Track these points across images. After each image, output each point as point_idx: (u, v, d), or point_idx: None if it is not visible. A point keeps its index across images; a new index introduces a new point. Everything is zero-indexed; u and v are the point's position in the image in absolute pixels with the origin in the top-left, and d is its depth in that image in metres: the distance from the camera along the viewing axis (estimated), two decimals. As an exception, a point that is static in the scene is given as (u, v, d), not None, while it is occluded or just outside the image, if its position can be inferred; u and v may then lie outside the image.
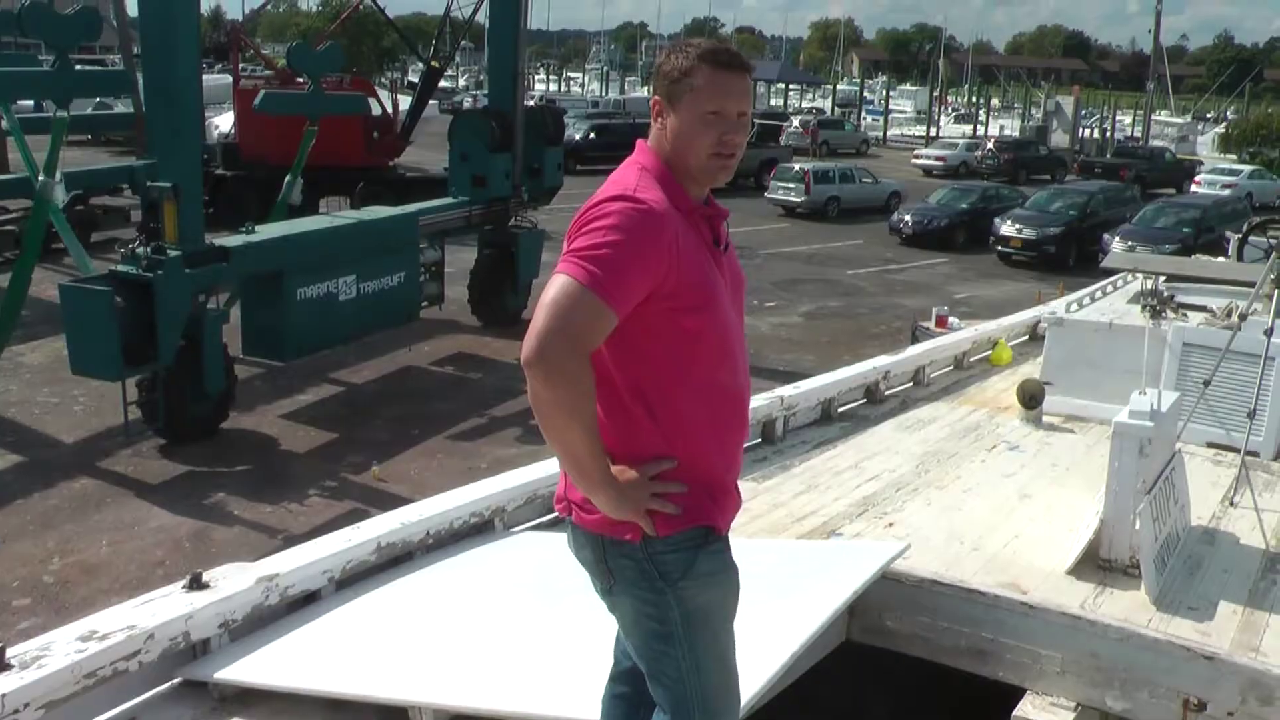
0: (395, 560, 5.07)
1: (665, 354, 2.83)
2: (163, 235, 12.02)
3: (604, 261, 2.68)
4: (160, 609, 4.21)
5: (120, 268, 12.01)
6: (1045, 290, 19.83)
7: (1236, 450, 7.16)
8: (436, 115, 33.87)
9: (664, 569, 2.86)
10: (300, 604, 4.66)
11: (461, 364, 16.54)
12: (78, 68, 16.54)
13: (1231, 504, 6.85)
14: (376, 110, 26.16)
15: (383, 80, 57.51)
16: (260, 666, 4.18)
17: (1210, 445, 7.71)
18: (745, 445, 7.15)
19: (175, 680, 4.18)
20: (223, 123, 31.51)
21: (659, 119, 2.98)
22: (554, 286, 2.69)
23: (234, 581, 4.48)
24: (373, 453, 12.64)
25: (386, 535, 5.04)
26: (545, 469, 5.75)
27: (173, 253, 11.93)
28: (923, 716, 5.78)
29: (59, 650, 3.85)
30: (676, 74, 2.94)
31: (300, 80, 20.84)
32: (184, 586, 4.39)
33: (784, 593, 4.46)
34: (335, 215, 16.96)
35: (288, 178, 17.25)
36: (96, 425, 13.12)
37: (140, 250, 12.03)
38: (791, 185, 35.44)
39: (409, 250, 16.02)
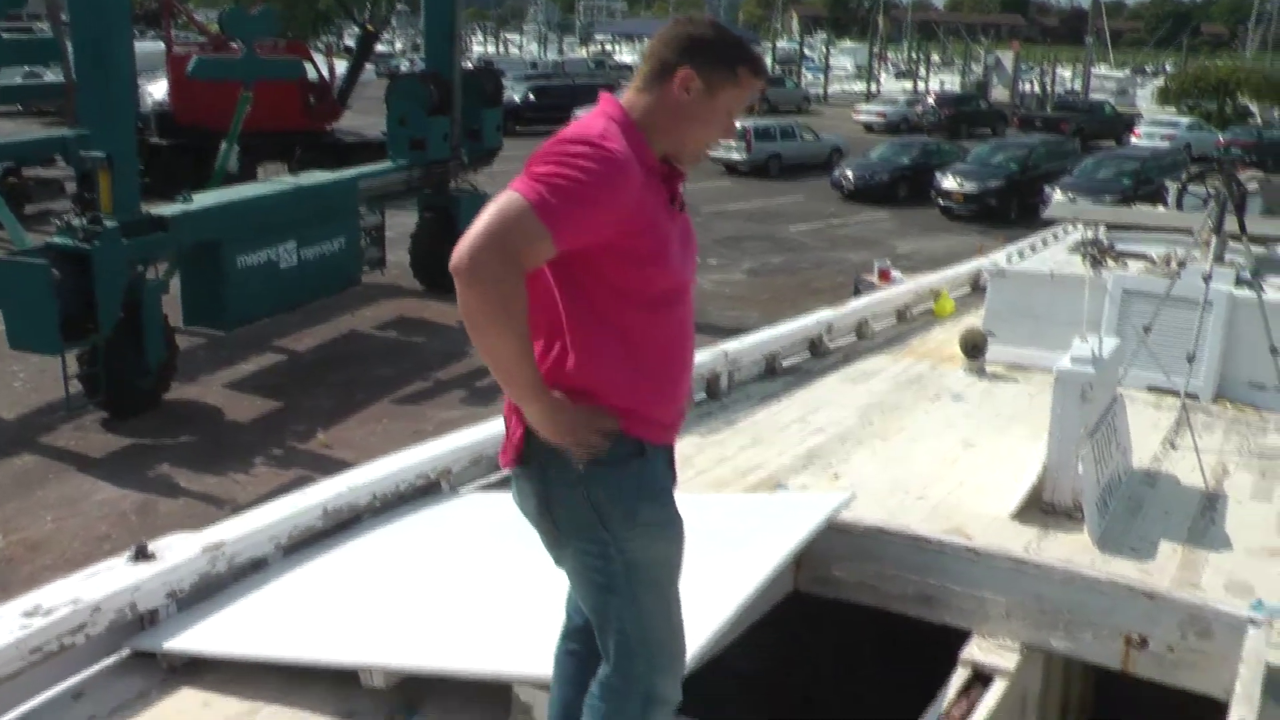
0: (342, 525, 5.04)
1: (613, 301, 2.82)
2: (98, 206, 11.87)
3: (557, 190, 2.65)
4: (106, 581, 4.16)
5: (56, 240, 11.86)
6: (987, 243, 19.97)
7: (1176, 393, 7.25)
8: (373, 79, 33.59)
9: (606, 518, 2.85)
10: (248, 571, 4.63)
11: (404, 328, 16.49)
12: (4, 36, 16.25)
13: (1172, 446, 6.95)
14: (312, 75, 25.84)
15: (318, 44, 56.75)
16: (209, 635, 4.15)
17: (1151, 389, 7.81)
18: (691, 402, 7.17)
19: (124, 652, 4.14)
20: (156, 90, 31.03)
21: (676, 88, 2.91)
22: (500, 198, 2.66)
23: (180, 551, 4.44)
24: (318, 420, 12.59)
25: (333, 500, 5.00)
26: (491, 429, 5.73)
27: (109, 223, 11.78)
28: (871, 663, 5.84)
29: (3, 627, 3.80)
30: (724, 66, 2.93)
31: (234, 46, 20.55)
32: (129, 558, 4.34)
33: (730, 545, 4.47)
34: (273, 181, 16.81)
35: (224, 145, 17.06)
36: (37, 400, 12.97)
37: (76, 222, 11.89)
38: (732, 143, 35.42)
39: (349, 215, 15.93)
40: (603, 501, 2.85)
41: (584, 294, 2.79)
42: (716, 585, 3.93)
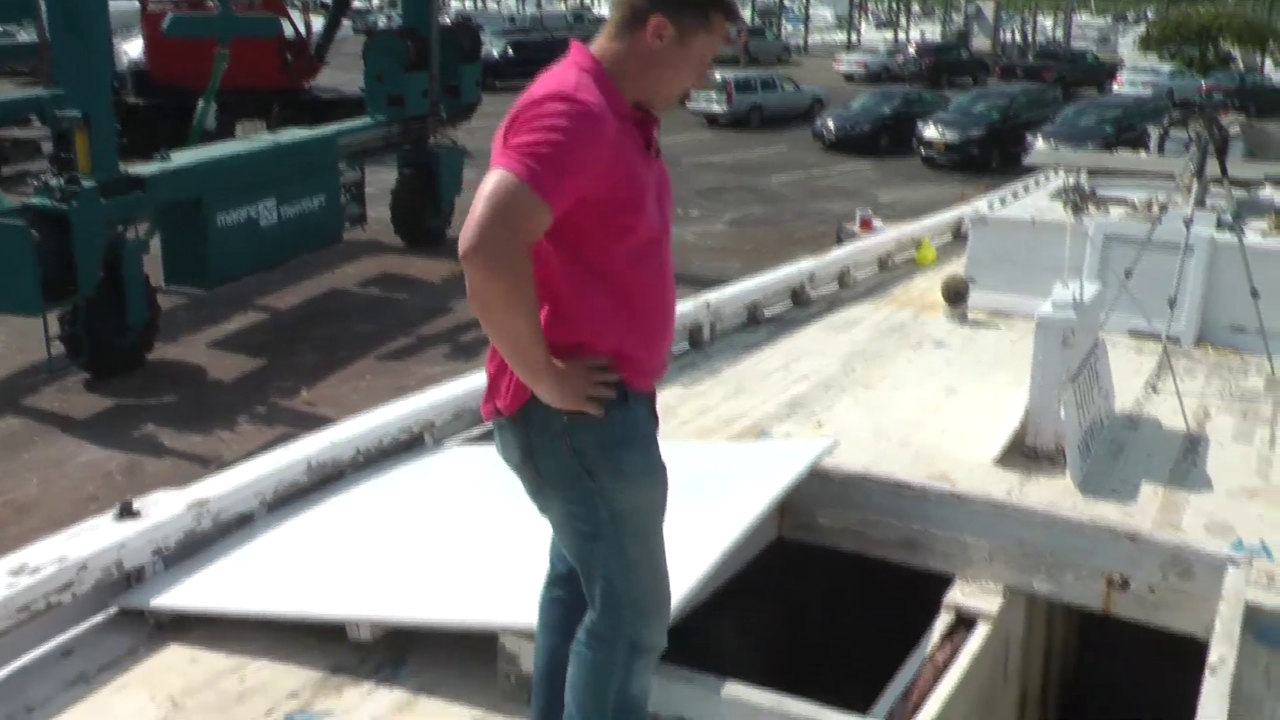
0: (326, 480, 5.04)
1: (595, 250, 2.82)
2: (75, 166, 11.79)
3: (542, 158, 2.65)
4: (91, 539, 4.16)
5: (34, 201, 11.79)
6: (969, 192, 19.96)
7: (1158, 337, 7.28)
8: (350, 35, 33.27)
9: (591, 467, 2.86)
10: (233, 528, 4.62)
11: (387, 285, 16.45)
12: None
13: (1153, 390, 6.98)
14: (289, 31, 25.60)
15: (294, 1, 56.28)
16: (196, 592, 4.15)
17: (1133, 334, 7.83)
18: (674, 352, 7.20)
19: (111, 610, 4.14)
20: (132, 49, 30.72)
21: (649, 35, 2.88)
22: (491, 179, 2.65)
23: (164, 508, 4.43)
24: (301, 377, 12.58)
25: (316, 455, 5.00)
26: (473, 383, 5.72)
27: (87, 183, 11.71)
28: (856, 610, 5.87)
29: None
30: (696, 11, 2.89)
31: (210, 3, 20.37)
32: (114, 516, 4.34)
33: (714, 493, 4.49)
34: (252, 139, 16.70)
35: (201, 103, 16.91)
36: (19, 362, 12.93)
37: (54, 182, 11.80)
38: (713, 94, 35.28)
39: (328, 172, 15.86)
40: (587, 450, 2.85)
41: (568, 248, 2.79)
42: (700, 533, 3.94)
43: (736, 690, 3.43)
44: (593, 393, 2.81)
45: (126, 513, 4.36)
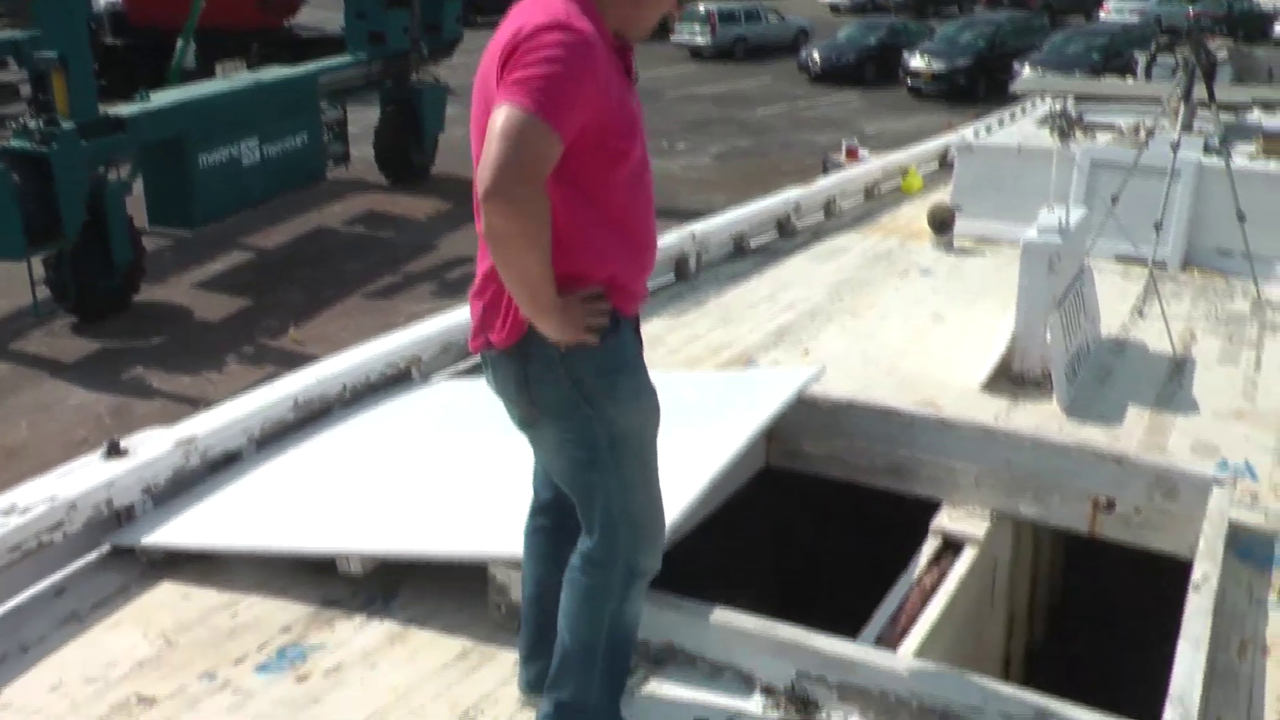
0: (314, 416, 5.04)
1: (592, 179, 2.81)
2: (54, 108, 11.68)
3: (549, 90, 2.62)
4: (80, 479, 4.17)
5: (13, 144, 11.68)
6: (955, 120, 19.87)
7: (1145, 262, 7.28)
8: (331, -28, 32.86)
9: (588, 394, 2.87)
10: (221, 465, 4.63)
11: (372, 223, 16.38)
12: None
13: (1140, 314, 7.00)
14: (268, -32, 25.33)
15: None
16: (186, 529, 4.16)
17: (1119, 259, 7.84)
18: (660, 284, 7.22)
19: (103, 548, 4.15)
20: (109, -10, 30.37)
21: None
22: (500, 117, 2.62)
23: (153, 446, 4.44)
24: (288, 316, 12.55)
25: (304, 392, 5.00)
26: (460, 317, 5.70)
27: (66, 125, 11.63)
28: (844, 536, 5.91)
29: None
30: None
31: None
32: (102, 455, 4.34)
33: (702, 421, 4.49)
34: (232, 78, 16.55)
35: (179, 42, 16.74)
36: (5, 307, 12.88)
37: (32, 124, 11.70)
38: (697, 27, 35.00)
39: (310, 110, 15.76)
40: (585, 378, 2.85)
41: (566, 178, 2.77)
42: (690, 460, 3.95)
43: (725, 616, 3.46)
44: (590, 322, 2.81)
45: (115, 451, 4.37)
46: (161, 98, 13.71)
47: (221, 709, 3.28)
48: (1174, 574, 4.01)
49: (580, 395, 2.87)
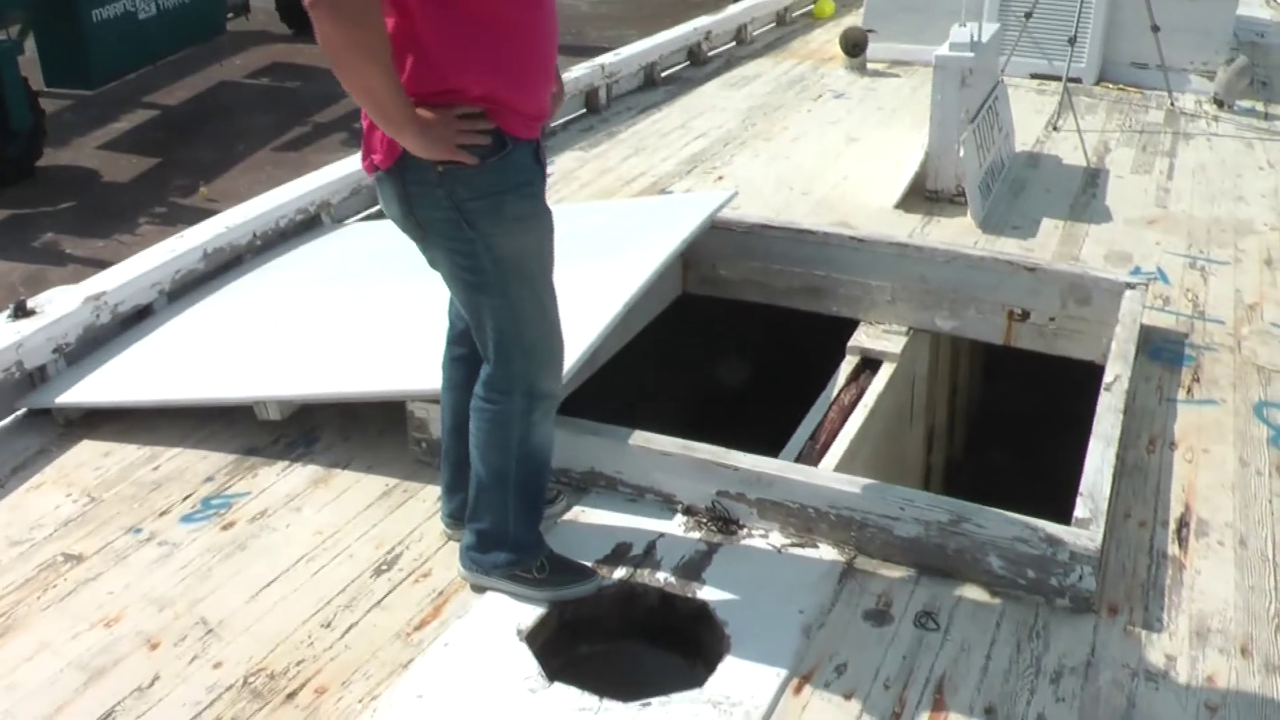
0: (225, 266, 4.96)
1: None
2: (-70, -35, 11.19)
3: None
4: None
5: (-112, 6, 11.19)
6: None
7: (1059, 78, 7.27)
8: None
9: (470, 216, 2.80)
10: (133, 320, 4.56)
11: (277, 74, 15.96)
12: None
13: (1055, 129, 7.02)
14: None
15: None
16: (102, 387, 4.10)
17: (1034, 76, 7.84)
18: (569, 117, 7.13)
19: (18, 412, 4.09)
20: None
21: None
22: None
23: (61, 304, 4.34)
24: (199, 173, 12.26)
25: (212, 241, 4.91)
26: (369, 160, 5.61)
27: (-54, -19, 11.14)
28: (763, 358, 5.96)
29: None
30: None
31: None
32: (9, 316, 4.25)
33: (615, 247, 4.46)
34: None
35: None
36: (-100, 178, 12.47)
37: (-92, -16, 11.22)
38: None
39: (205, -42, 15.18)
40: (465, 199, 2.78)
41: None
42: (604, 287, 3.93)
43: (644, 439, 3.47)
44: (463, 141, 2.74)
45: (21, 312, 4.26)
46: (45, -51, 13.17)
47: (149, 561, 3.27)
48: (1090, 380, 4.09)
49: (462, 216, 2.79)
